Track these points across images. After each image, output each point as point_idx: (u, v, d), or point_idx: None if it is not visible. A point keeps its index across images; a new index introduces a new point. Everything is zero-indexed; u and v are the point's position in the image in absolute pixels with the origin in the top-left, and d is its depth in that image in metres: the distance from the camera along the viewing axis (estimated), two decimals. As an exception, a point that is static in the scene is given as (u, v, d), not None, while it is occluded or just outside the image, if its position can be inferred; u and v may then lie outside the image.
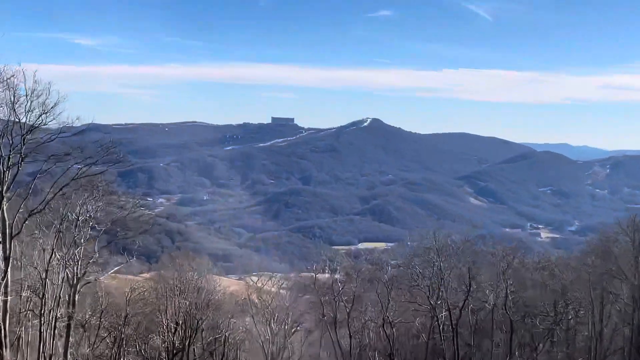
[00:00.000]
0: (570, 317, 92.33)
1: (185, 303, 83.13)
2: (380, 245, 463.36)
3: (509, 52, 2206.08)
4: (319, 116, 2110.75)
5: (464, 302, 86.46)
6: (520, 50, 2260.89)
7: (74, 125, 52.72)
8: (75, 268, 63.25)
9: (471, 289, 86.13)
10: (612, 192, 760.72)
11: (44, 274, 61.50)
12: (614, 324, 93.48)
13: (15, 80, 48.47)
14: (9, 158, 49.82)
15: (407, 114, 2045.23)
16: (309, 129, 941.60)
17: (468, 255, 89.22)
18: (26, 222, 53.52)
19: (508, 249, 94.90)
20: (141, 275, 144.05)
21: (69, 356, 64.88)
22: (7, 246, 50.71)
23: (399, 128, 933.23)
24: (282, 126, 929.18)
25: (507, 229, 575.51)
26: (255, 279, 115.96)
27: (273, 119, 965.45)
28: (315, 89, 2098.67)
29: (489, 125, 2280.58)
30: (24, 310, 65.04)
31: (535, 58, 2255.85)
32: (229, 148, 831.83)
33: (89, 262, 64.38)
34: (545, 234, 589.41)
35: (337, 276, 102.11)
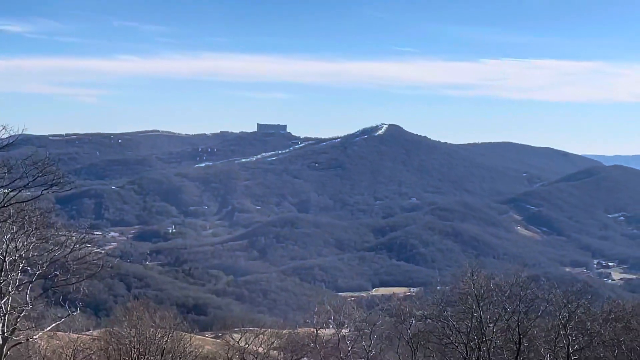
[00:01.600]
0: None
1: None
2: (401, 290, 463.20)
3: (567, 36, 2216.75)
4: (319, 123, 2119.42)
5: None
6: (581, 34, 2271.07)
7: (-3, 137, 52.80)
8: (0, 324, 63.06)
9: (521, 347, 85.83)
10: None
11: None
12: None
13: None
14: None
15: (435, 119, 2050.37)
16: (307, 138, 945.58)
17: (517, 302, 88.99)
18: None
19: (570, 294, 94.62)
20: (87, 332, 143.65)
21: None
22: None
23: (425, 137, 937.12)
24: (271, 135, 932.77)
25: (568, 268, 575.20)
26: (237, 336, 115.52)
27: (259, 126, 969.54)
28: (314, 87, 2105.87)
29: (542, 133, 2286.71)
30: None
31: (600, 44, 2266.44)
32: (202, 165, 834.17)
33: (18, 317, 64.14)
34: (617, 274, 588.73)
35: (344, 332, 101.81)
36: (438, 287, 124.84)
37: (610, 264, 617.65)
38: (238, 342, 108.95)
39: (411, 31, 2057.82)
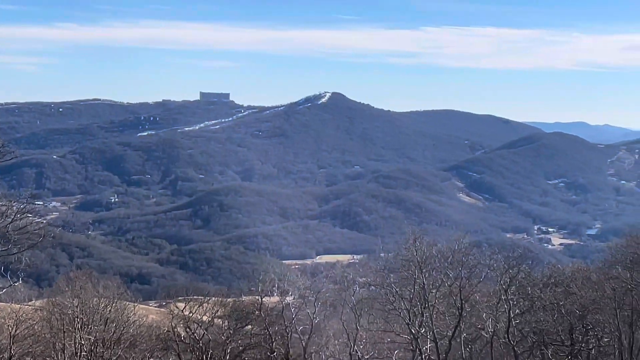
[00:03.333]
0: (591, 346, 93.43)
1: (89, 339, 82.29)
2: (345, 258, 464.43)
3: (507, 4, 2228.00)
4: (262, 91, 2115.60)
5: (455, 330, 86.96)
6: (522, 2, 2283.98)
7: None
8: (-60, 296, 62.31)
9: (464, 312, 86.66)
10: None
11: None
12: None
13: None
14: None
15: (378, 87, 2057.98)
16: (250, 107, 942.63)
17: (459, 268, 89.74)
18: None
19: (511, 260, 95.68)
20: (30, 303, 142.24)
21: None
22: None
23: (368, 105, 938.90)
24: (214, 104, 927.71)
25: (509, 234, 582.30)
26: (181, 305, 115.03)
27: (202, 94, 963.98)
28: (257, 55, 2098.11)
29: (484, 101, 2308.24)
30: None
31: (541, 12, 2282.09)
32: (144, 134, 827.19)
33: (-42, 288, 63.39)
34: (557, 240, 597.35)
35: (289, 300, 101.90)
36: (381, 254, 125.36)
37: (550, 229, 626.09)
38: (182, 311, 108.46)
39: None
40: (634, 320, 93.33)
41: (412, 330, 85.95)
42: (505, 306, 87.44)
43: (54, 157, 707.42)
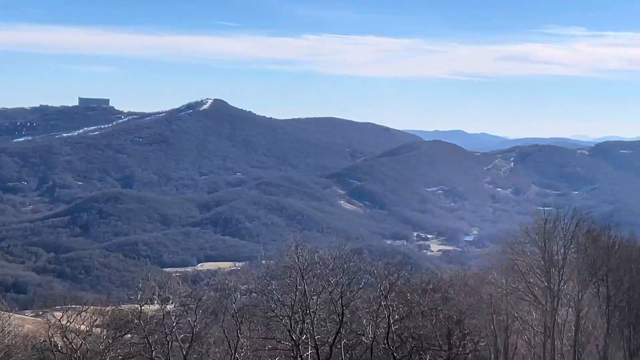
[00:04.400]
0: (468, 351, 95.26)
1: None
2: (226, 265, 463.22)
3: (386, 13, 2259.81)
4: (143, 97, 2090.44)
5: (336, 337, 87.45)
6: (392, 12, 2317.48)
7: None
8: None
9: (344, 319, 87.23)
10: (517, 191, 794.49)
11: None
12: (521, 357, 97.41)
13: None
14: None
15: (260, 94, 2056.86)
16: (130, 113, 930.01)
17: (340, 275, 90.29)
18: None
19: (391, 266, 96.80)
20: None
21: None
22: None
23: (250, 112, 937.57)
24: (94, 110, 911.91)
25: (389, 241, 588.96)
26: (58, 314, 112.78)
27: (81, 100, 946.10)
28: (138, 60, 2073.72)
29: (365, 108, 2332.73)
30: None
31: (419, 22, 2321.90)
32: (20, 140, 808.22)
33: None
34: (436, 246, 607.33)
35: (169, 307, 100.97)
36: (263, 261, 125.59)
37: (429, 236, 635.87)
38: (59, 320, 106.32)
39: (234, 5, 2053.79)
40: (508, 324, 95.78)
41: (293, 337, 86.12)
42: (385, 312, 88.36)
43: None
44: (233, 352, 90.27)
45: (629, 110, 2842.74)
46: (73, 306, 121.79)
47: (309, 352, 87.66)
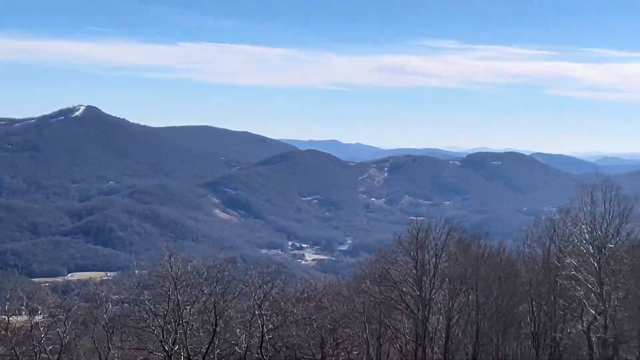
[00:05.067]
0: (341, 359, 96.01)
1: None
2: (98, 275, 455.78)
3: (262, 23, 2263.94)
4: (12, 102, 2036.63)
5: (209, 347, 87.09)
6: (276, 20, 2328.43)
7: None
8: None
9: (218, 328, 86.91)
10: (391, 201, 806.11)
11: None
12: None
13: None
14: None
15: (135, 101, 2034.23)
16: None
17: (214, 285, 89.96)
18: None
19: (265, 275, 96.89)
20: None
21: None
22: None
23: (123, 119, 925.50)
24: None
25: (264, 250, 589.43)
26: None
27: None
28: (6, 65, 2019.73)
29: (241, 117, 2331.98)
30: None
31: (295, 32, 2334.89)
32: None
33: None
34: (311, 255, 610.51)
35: (38, 318, 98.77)
36: (136, 271, 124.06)
37: (304, 245, 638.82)
38: None
39: (108, 11, 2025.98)
40: (381, 333, 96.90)
41: (166, 348, 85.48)
42: (259, 321, 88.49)
43: None
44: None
45: (500, 123, 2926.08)
46: None
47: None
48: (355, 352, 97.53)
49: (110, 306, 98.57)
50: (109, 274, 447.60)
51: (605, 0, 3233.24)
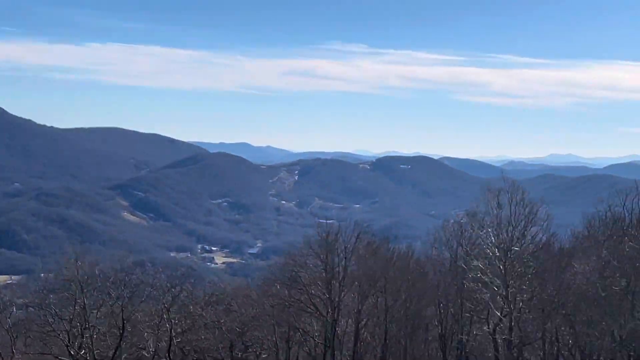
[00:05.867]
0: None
1: None
2: (2, 279, 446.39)
3: (173, 24, 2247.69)
4: None
5: (116, 351, 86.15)
6: (186, 22, 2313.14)
7: None
8: None
9: (125, 332, 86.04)
10: (301, 204, 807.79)
11: None
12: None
13: None
14: None
15: (41, 102, 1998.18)
16: None
17: (122, 288, 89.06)
18: None
19: (174, 279, 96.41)
20: None
21: None
22: None
23: (29, 120, 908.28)
24: None
25: (173, 253, 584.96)
26: None
27: None
28: None
29: (150, 119, 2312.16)
30: None
31: (205, 34, 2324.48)
32: None
33: None
34: (220, 258, 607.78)
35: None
36: (41, 275, 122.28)
37: (213, 248, 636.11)
38: None
39: (12, 10, 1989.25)
40: (290, 335, 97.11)
41: (72, 352, 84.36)
42: (167, 325, 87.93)
43: None
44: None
45: (409, 127, 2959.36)
46: None
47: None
48: (264, 355, 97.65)
49: (14, 310, 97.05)
50: (13, 277, 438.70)
51: (513, 8, 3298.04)
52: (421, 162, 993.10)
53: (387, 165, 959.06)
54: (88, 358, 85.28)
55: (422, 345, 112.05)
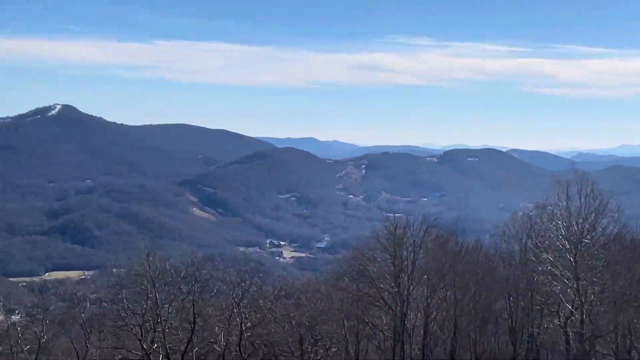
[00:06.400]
0: (319, 356, 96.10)
1: None
2: (75, 274, 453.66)
3: (238, 20, 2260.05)
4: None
5: (187, 345, 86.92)
6: (251, 18, 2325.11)
7: None
8: None
9: (196, 327, 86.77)
10: (368, 198, 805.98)
11: None
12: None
13: None
14: None
15: (110, 100, 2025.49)
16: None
17: (192, 283, 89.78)
18: None
19: (243, 273, 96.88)
20: None
21: None
22: None
23: (100, 118, 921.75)
24: None
25: (242, 248, 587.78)
26: None
27: None
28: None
29: (217, 115, 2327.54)
30: None
31: (271, 30, 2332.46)
32: None
33: None
34: (289, 253, 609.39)
35: (15, 318, 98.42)
36: (114, 270, 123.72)
37: (281, 243, 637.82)
38: None
39: (82, 10, 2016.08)
40: (359, 329, 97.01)
41: (144, 346, 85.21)
42: (238, 319, 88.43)
43: None
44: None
45: (476, 119, 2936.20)
46: None
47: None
48: (333, 349, 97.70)
49: (88, 305, 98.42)
50: (86, 273, 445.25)
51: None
52: (489, 155, 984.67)
53: (455, 158, 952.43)
54: (160, 352, 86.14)
55: (492, 339, 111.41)
